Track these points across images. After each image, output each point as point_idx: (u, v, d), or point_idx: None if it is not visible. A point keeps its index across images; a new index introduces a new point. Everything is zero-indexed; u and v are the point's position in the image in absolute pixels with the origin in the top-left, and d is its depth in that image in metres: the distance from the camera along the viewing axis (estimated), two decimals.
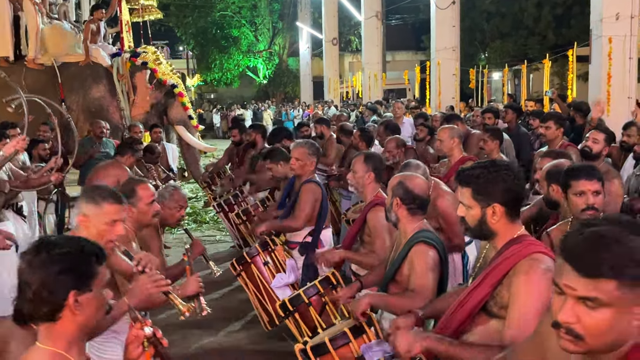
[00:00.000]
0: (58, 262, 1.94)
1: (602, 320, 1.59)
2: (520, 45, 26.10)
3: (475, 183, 2.65)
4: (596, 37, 11.24)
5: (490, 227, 2.65)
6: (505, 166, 2.70)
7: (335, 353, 3.13)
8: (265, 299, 5.03)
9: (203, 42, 37.78)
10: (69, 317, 1.96)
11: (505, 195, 2.62)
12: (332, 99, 27.64)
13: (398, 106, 10.33)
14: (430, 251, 3.33)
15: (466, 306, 2.66)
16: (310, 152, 5.24)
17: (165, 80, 10.24)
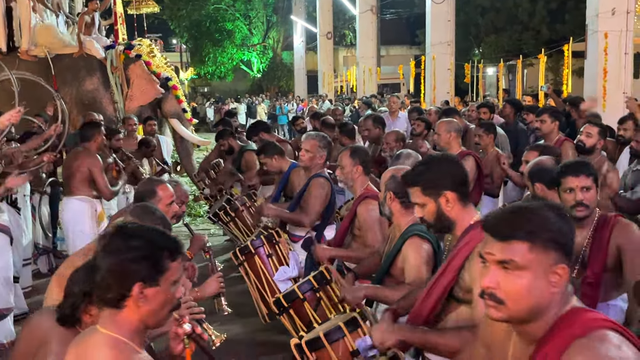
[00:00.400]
0: (130, 251, 1.91)
1: (519, 284, 1.72)
2: (515, 40, 26.12)
3: (421, 180, 2.78)
4: (592, 32, 11.24)
5: (448, 216, 2.76)
6: (443, 156, 2.88)
7: (330, 347, 3.11)
8: (266, 291, 4.98)
9: (197, 35, 37.60)
10: (133, 308, 1.93)
11: (451, 181, 2.74)
12: (326, 93, 27.57)
13: (394, 100, 10.29)
14: (424, 244, 3.34)
15: (433, 294, 2.73)
16: (321, 145, 5.12)
17: (159, 73, 10.16)
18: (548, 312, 1.74)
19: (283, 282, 4.91)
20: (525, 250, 1.72)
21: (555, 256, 1.72)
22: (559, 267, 1.72)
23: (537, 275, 1.72)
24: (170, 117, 10.41)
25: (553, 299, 1.73)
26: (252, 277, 5.03)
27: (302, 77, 33.49)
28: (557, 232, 1.74)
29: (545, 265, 1.72)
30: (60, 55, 9.68)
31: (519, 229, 1.75)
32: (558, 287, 1.73)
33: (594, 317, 1.72)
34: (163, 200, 3.73)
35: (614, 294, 3.46)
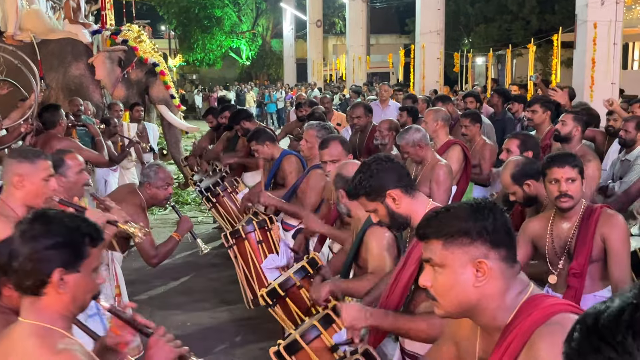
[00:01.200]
0: (49, 237, 1.87)
1: (443, 281, 1.77)
2: (505, 30, 26.08)
3: (362, 189, 2.82)
4: (581, 22, 11.25)
5: (400, 214, 2.79)
6: (374, 159, 2.89)
7: (308, 348, 3.10)
8: (252, 278, 4.98)
9: (185, 21, 37.32)
10: (53, 295, 1.89)
11: (390, 180, 2.78)
12: (315, 82, 27.50)
13: (384, 89, 10.25)
14: (384, 232, 3.34)
15: (398, 286, 2.76)
16: (319, 135, 5.02)
17: (147, 58, 10.06)
18: (486, 304, 1.75)
19: (270, 271, 4.89)
20: (439, 247, 1.77)
21: (475, 251, 1.73)
22: (479, 261, 1.72)
23: (456, 271, 1.74)
24: (158, 103, 10.33)
25: (484, 292, 1.73)
26: (240, 261, 5.02)
27: (292, 65, 33.38)
28: (470, 228, 1.74)
29: (463, 260, 1.73)
30: (46, 40, 9.57)
31: (432, 227, 1.80)
32: (484, 280, 1.73)
33: (553, 303, 1.73)
34: (72, 168, 3.83)
35: (601, 285, 3.46)
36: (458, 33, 29.03)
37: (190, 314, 6.14)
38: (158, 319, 6.07)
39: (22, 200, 3.18)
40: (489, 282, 1.73)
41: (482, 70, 29.81)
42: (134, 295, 6.72)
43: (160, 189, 4.51)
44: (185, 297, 6.64)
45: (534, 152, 4.52)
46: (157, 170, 4.53)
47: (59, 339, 1.88)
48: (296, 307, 4.00)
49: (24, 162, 3.19)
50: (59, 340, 1.87)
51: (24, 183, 3.16)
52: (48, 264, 1.86)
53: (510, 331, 1.70)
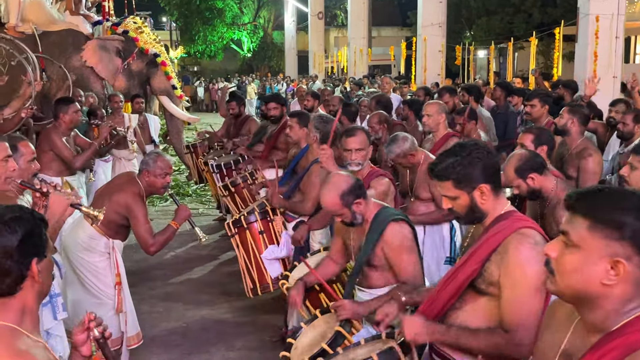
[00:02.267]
0: (17, 231, 1.84)
1: (570, 261, 1.65)
2: (506, 23, 26.01)
3: (453, 174, 2.61)
4: (583, 15, 11.23)
5: (481, 209, 2.62)
6: (473, 145, 2.67)
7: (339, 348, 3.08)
8: (252, 267, 5.00)
9: (187, 13, 37.20)
10: (29, 288, 1.88)
11: (486, 174, 2.60)
12: (317, 74, 27.45)
13: (386, 81, 10.27)
14: (403, 227, 3.30)
15: (453, 284, 2.63)
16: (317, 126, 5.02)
17: (147, 49, 10.03)
18: (604, 304, 1.63)
19: (270, 262, 4.90)
20: (583, 227, 1.63)
21: (619, 248, 1.58)
22: (618, 260, 1.58)
23: (589, 259, 1.61)
24: (159, 94, 10.30)
25: (608, 293, 1.61)
26: (241, 251, 5.04)
27: (293, 57, 33.30)
28: (627, 223, 1.58)
29: (602, 252, 1.59)
30: (47, 32, 9.55)
31: (586, 203, 1.66)
32: (614, 281, 1.59)
33: None
34: (25, 156, 3.77)
35: None
36: (460, 26, 28.97)
37: (191, 306, 6.16)
38: (160, 309, 6.10)
39: None
40: (618, 285, 1.60)
41: (483, 63, 29.74)
42: (135, 286, 6.74)
43: (159, 177, 4.52)
44: (186, 289, 6.66)
45: (549, 146, 4.49)
46: (156, 158, 4.53)
47: (22, 340, 1.84)
48: None
49: None
50: (21, 341, 1.84)
51: None
52: (26, 257, 1.85)
53: (615, 339, 1.60)
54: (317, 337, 3.23)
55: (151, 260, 7.62)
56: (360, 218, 3.39)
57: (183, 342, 5.38)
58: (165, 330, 5.60)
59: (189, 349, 5.25)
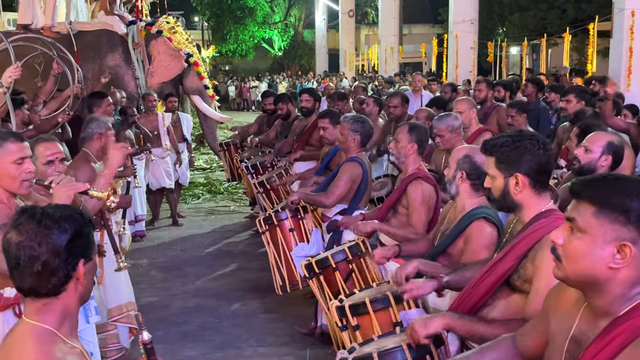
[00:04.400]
0: (65, 231, 1.81)
1: (577, 247, 1.69)
2: (540, 19, 25.69)
3: (498, 152, 2.61)
4: (618, 10, 11.03)
5: (513, 199, 2.60)
6: (531, 136, 2.63)
7: (374, 315, 3.10)
8: (282, 264, 5.06)
9: (218, 12, 37.51)
10: (72, 290, 1.85)
11: (528, 165, 2.56)
12: (344, 72, 27.43)
13: (418, 79, 10.22)
14: (489, 228, 3.25)
15: (489, 279, 2.62)
16: (353, 128, 4.93)
17: (180, 49, 10.17)
18: (611, 289, 1.66)
19: (299, 259, 4.92)
20: (589, 213, 1.67)
21: (626, 232, 1.62)
22: (624, 244, 1.62)
23: (596, 244, 1.66)
24: (192, 94, 10.44)
25: (615, 277, 1.64)
26: (271, 247, 5.10)
27: (324, 55, 33.35)
28: (633, 208, 1.62)
29: (608, 236, 1.64)
30: (82, 32, 9.73)
31: (592, 190, 1.70)
32: (621, 264, 1.63)
33: None
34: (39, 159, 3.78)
35: None
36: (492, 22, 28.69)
37: (223, 301, 6.23)
38: (192, 304, 6.18)
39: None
40: (625, 269, 1.63)
41: (516, 60, 29.40)
42: (168, 281, 6.85)
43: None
44: (218, 285, 6.73)
45: None
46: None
47: (59, 346, 1.82)
48: (328, 288, 4.09)
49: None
50: (58, 348, 1.81)
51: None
52: (74, 257, 1.83)
53: (622, 323, 1.63)
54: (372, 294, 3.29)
55: (183, 256, 7.74)
56: (454, 190, 3.42)
57: (215, 337, 5.45)
58: (198, 326, 5.68)
59: (221, 344, 5.32)
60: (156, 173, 8.58)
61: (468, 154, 3.41)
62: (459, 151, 3.49)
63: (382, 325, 3.08)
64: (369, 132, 5.01)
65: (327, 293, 4.09)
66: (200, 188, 11.53)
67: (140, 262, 7.48)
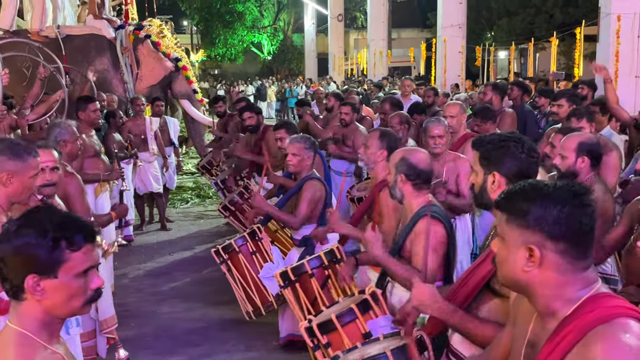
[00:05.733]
0: (18, 240, 1.74)
1: (500, 253, 1.80)
2: (527, 24, 25.81)
3: (483, 148, 2.70)
4: (605, 14, 11.12)
5: (489, 196, 2.64)
6: (519, 139, 2.67)
7: (342, 330, 3.08)
8: (252, 290, 4.95)
9: (207, 16, 37.45)
10: (33, 301, 1.78)
11: (508, 166, 2.61)
12: (331, 76, 27.48)
13: (407, 83, 10.24)
14: (436, 226, 3.23)
15: (470, 283, 2.62)
16: (306, 147, 4.91)
17: (169, 53, 10.17)
18: (539, 291, 1.72)
19: (269, 279, 4.84)
20: (503, 220, 1.76)
21: (530, 236, 1.69)
22: (530, 247, 1.69)
23: (510, 249, 1.74)
24: (180, 98, 10.45)
25: (534, 279, 1.71)
26: (236, 275, 4.95)
27: (313, 59, 33.40)
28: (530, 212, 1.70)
29: (518, 241, 1.72)
30: (70, 35, 9.70)
31: (502, 199, 1.80)
32: (533, 267, 1.70)
33: (618, 304, 1.67)
34: None
35: None
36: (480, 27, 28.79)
37: (212, 306, 6.21)
38: (180, 309, 6.16)
39: (7, 196, 3.10)
40: (542, 271, 1.70)
41: (504, 64, 29.55)
42: (156, 286, 6.83)
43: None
44: (207, 289, 6.71)
45: None
46: None
47: (38, 351, 1.78)
48: (304, 295, 4.05)
49: (15, 160, 3.08)
50: (38, 353, 1.78)
51: (12, 181, 3.08)
52: (20, 269, 1.75)
53: (568, 324, 1.67)
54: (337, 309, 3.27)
55: (172, 260, 7.71)
56: (398, 194, 3.44)
57: (203, 342, 5.43)
58: (186, 330, 5.65)
59: (209, 348, 5.30)
60: (143, 177, 8.55)
61: (403, 156, 3.46)
62: (395, 155, 3.53)
63: (351, 339, 3.06)
64: (317, 148, 5.06)
65: (304, 301, 4.05)
66: (189, 192, 11.50)
67: (128, 266, 7.45)
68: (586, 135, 3.99)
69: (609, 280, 3.90)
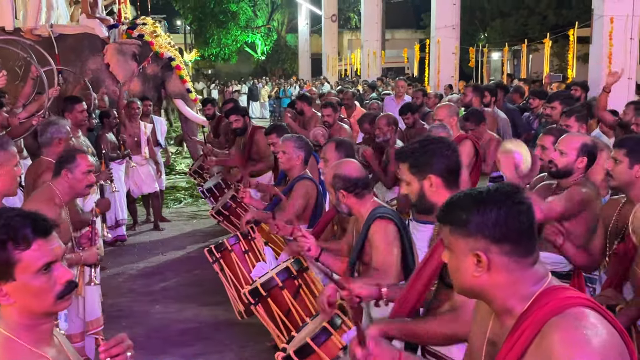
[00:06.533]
0: None
1: (450, 263, 1.84)
2: (521, 25, 25.91)
3: (410, 158, 2.81)
4: (597, 16, 11.17)
5: (429, 200, 2.77)
6: (438, 139, 2.87)
7: (320, 350, 3.10)
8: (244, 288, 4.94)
9: (201, 16, 37.39)
10: (4, 305, 1.77)
11: (438, 166, 2.76)
12: (325, 76, 27.48)
13: (401, 84, 10.25)
14: (388, 225, 3.30)
15: (420, 280, 2.68)
16: (296, 146, 4.95)
17: (162, 53, 10.14)
18: (493, 293, 1.76)
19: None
20: (447, 232, 1.81)
21: (474, 243, 1.73)
22: (476, 253, 1.73)
23: (459, 258, 1.78)
24: (174, 98, 10.43)
25: (486, 283, 1.75)
26: (228, 274, 4.92)
27: (307, 60, 33.40)
28: (470, 220, 1.74)
29: (464, 249, 1.76)
30: (63, 35, 9.66)
31: (443, 212, 1.85)
32: (482, 272, 1.74)
33: (570, 295, 1.72)
34: (80, 167, 3.92)
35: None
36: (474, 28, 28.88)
37: (205, 306, 6.20)
38: (173, 309, 6.15)
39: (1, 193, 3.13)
40: (491, 274, 1.74)
41: (497, 65, 29.63)
42: (149, 287, 6.81)
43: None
44: (199, 289, 6.69)
45: None
46: None
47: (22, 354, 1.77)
48: (277, 308, 4.00)
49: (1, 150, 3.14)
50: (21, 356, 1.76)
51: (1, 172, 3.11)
52: None
53: (525, 320, 1.71)
54: (310, 331, 3.27)
55: (165, 260, 7.70)
56: (345, 209, 3.49)
57: (196, 342, 5.42)
58: (179, 330, 5.64)
59: (202, 348, 5.29)
60: (137, 180, 8.54)
61: (335, 173, 3.49)
62: (328, 176, 3.57)
63: (331, 356, 3.11)
64: (310, 150, 5.06)
65: (277, 313, 3.99)
66: (182, 192, 11.48)
67: (120, 266, 7.43)
68: (588, 137, 4.09)
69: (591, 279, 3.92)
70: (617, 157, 3.48)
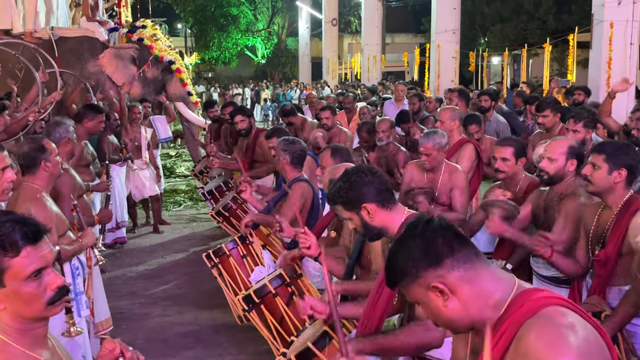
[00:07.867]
0: None
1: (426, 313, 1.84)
2: (521, 30, 25.95)
3: (339, 198, 2.84)
4: (597, 21, 11.19)
5: (374, 226, 2.81)
6: (355, 170, 2.89)
7: (321, 354, 3.06)
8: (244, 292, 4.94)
9: (202, 20, 37.46)
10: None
11: (367, 194, 2.79)
12: (326, 80, 27.50)
13: (401, 88, 10.25)
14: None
15: (384, 293, 2.71)
16: (281, 147, 4.96)
17: (162, 56, 10.16)
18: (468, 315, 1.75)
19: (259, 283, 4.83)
20: (405, 289, 1.81)
21: (424, 280, 1.73)
22: (433, 285, 1.72)
23: (425, 302, 1.78)
24: (175, 101, 10.43)
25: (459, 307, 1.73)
26: (227, 279, 4.90)
27: (307, 63, 33.40)
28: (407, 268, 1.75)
29: (421, 292, 1.75)
30: (64, 37, 9.67)
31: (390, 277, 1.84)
32: (449, 298, 1.73)
33: (543, 296, 1.73)
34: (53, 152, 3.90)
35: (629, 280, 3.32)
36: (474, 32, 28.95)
37: (204, 309, 6.19)
38: (172, 312, 6.14)
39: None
40: (458, 293, 1.73)
41: (497, 70, 29.67)
42: (149, 289, 6.81)
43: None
44: (199, 292, 6.69)
45: None
46: None
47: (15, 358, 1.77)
48: (271, 316, 3.98)
49: None
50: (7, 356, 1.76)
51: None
52: None
53: (501, 324, 1.71)
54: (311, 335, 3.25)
55: (164, 263, 7.69)
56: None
57: (195, 345, 5.42)
58: (178, 334, 5.64)
59: (201, 352, 5.28)
60: (138, 184, 8.54)
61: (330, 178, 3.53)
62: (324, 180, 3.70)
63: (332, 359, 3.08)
64: (298, 152, 4.99)
65: (271, 321, 3.98)
66: (182, 195, 11.48)
67: (120, 269, 7.43)
68: (572, 140, 4.13)
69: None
70: (595, 163, 3.42)
